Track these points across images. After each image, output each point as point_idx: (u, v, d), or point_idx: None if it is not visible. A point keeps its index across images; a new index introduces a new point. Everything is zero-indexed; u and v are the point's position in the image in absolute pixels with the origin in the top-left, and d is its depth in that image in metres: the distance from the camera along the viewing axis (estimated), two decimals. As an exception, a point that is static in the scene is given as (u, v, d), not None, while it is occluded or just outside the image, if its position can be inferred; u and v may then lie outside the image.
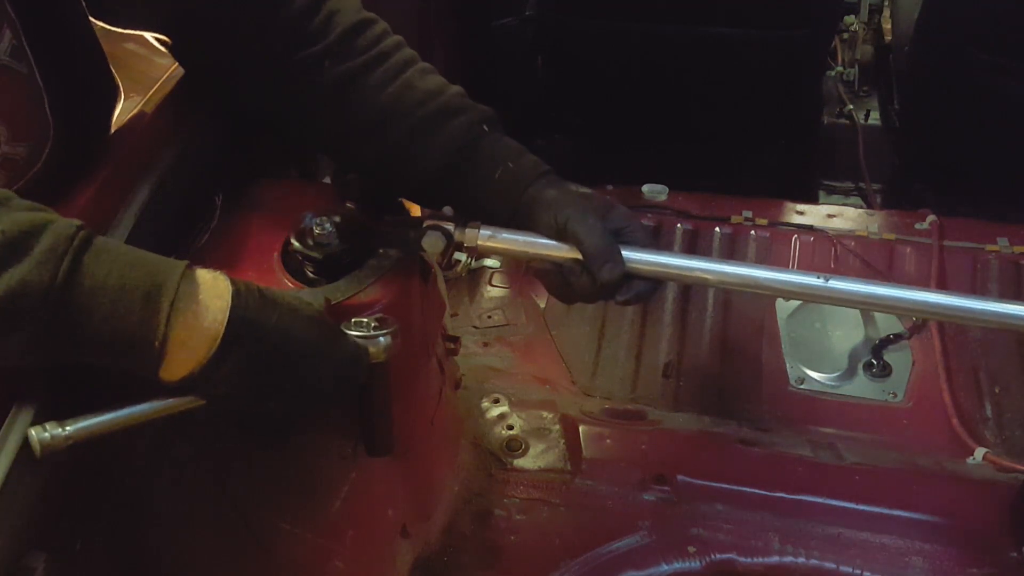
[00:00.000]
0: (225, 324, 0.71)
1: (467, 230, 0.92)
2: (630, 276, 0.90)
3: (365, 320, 0.84)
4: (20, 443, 0.70)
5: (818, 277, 0.90)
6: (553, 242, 0.91)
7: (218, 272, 0.74)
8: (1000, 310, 0.88)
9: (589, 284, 0.90)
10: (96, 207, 0.85)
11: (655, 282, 0.93)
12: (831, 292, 0.90)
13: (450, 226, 0.92)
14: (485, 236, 0.92)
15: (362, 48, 0.94)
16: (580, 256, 0.89)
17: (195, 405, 0.74)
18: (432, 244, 0.91)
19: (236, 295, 0.73)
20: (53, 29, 0.81)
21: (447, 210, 0.93)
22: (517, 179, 0.94)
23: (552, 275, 0.93)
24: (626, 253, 0.90)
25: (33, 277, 0.64)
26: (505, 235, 0.92)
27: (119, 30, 0.95)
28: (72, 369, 0.71)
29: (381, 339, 0.83)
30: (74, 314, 0.66)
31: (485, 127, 0.96)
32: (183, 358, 0.70)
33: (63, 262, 0.65)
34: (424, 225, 0.92)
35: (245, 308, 0.73)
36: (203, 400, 0.74)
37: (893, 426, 1.48)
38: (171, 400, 0.74)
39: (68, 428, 0.70)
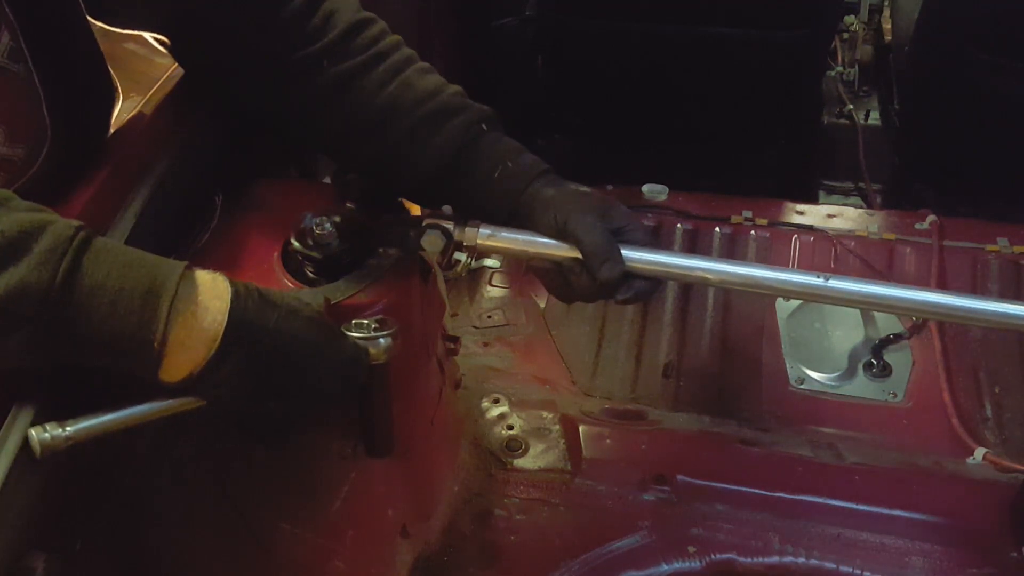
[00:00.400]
0: (224, 325, 0.71)
1: (467, 229, 0.91)
2: (630, 275, 0.90)
3: (365, 321, 0.84)
4: (20, 443, 0.70)
5: (818, 277, 0.90)
6: (552, 241, 0.91)
7: (217, 273, 0.74)
8: (1000, 310, 0.88)
9: (588, 283, 0.90)
10: (96, 207, 0.85)
11: (655, 281, 0.93)
12: (831, 292, 0.90)
13: (449, 225, 0.91)
14: (484, 235, 0.91)
15: (360, 48, 0.94)
16: (579, 255, 0.89)
17: (195, 406, 0.74)
18: (431, 243, 0.91)
19: (235, 296, 0.73)
20: (51, 30, 0.81)
21: (446, 209, 0.93)
22: (516, 178, 0.94)
23: (552, 274, 0.93)
24: (626, 252, 0.89)
25: (32, 278, 0.64)
26: (504, 234, 0.92)
27: (118, 30, 0.95)
28: (72, 369, 0.71)
29: (381, 340, 0.83)
30: (73, 315, 0.66)
31: (484, 126, 0.96)
32: (182, 359, 0.70)
33: (62, 263, 0.65)
34: (423, 224, 0.92)
35: (244, 309, 0.73)
36: (203, 401, 0.74)
37: (893, 426, 1.48)
38: (171, 401, 0.74)
39: (68, 428, 0.70)
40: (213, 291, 0.72)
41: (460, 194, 0.95)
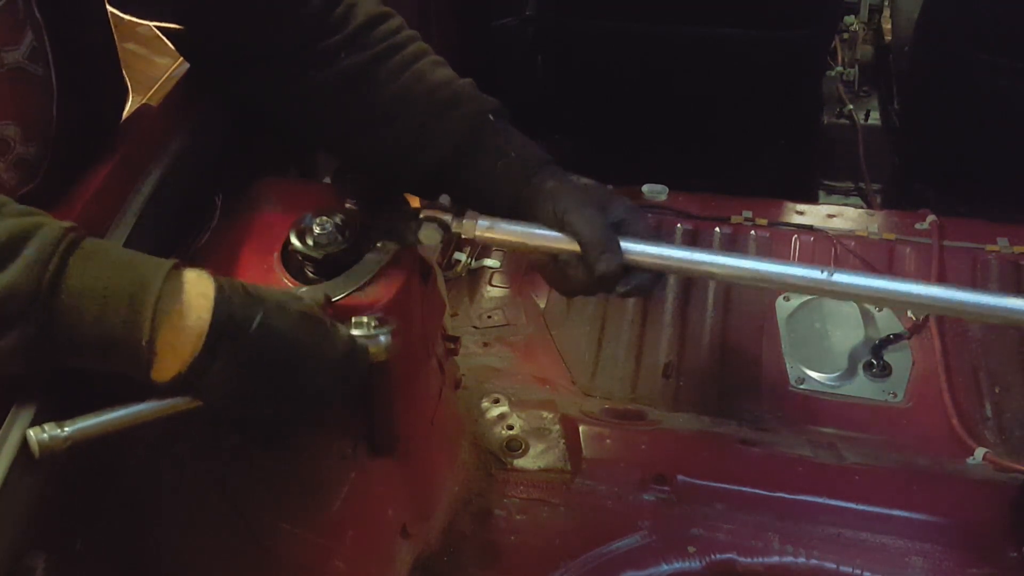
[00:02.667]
0: (209, 323, 0.70)
1: (464, 221, 0.90)
2: (629, 268, 0.89)
3: (365, 319, 0.83)
4: (20, 443, 0.70)
5: (821, 271, 0.88)
6: (551, 233, 0.90)
7: (203, 271, 0.73)
8: (1006, 305, 0.86)
9: (586, 276, 0.89)
10: (97, 207, 0.85)
11: (655, 275, 0.91)
12: (834, 286, 0.88)
13: (447, 217, 0.91)
14: (483, 227, 0.90)
15: (377, 40, 0.94)
16: (578, 247, 0.88)
17: (193, 406, 0.74)
18: (429, 236, 0.90)
19: (220, 293, 0.72)
20: (75, 30, 0.81)
21: (444, 200, 0.92)
22: (519, 170, 0.94)
23: (551, 267, 0.92)
24: (626, 245, 0.88)
25: (21, 281, 0.64)
26: (503, 226, 0.91)
27: (132, 18, 0.94)
28: (71, 370, 0.71)
29: (382, 338, 0.83)
30: (62, 318, 0.66)
31: (491, 117, 0.95)
32: (171, 359, 0.70)
33: (49, 266, 0.65)
34: (421, 217, 0.91)
35: (229, 306, 0.72)
36: (200, 401, 0.74)
37: (893, 426, 1.48)
38: (170, 401, 0.73)
39: (67, 429, 0.70)
40: (197, 289, 0.71)
41: (464, 185, 0.94)
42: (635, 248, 0.89)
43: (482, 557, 1.25)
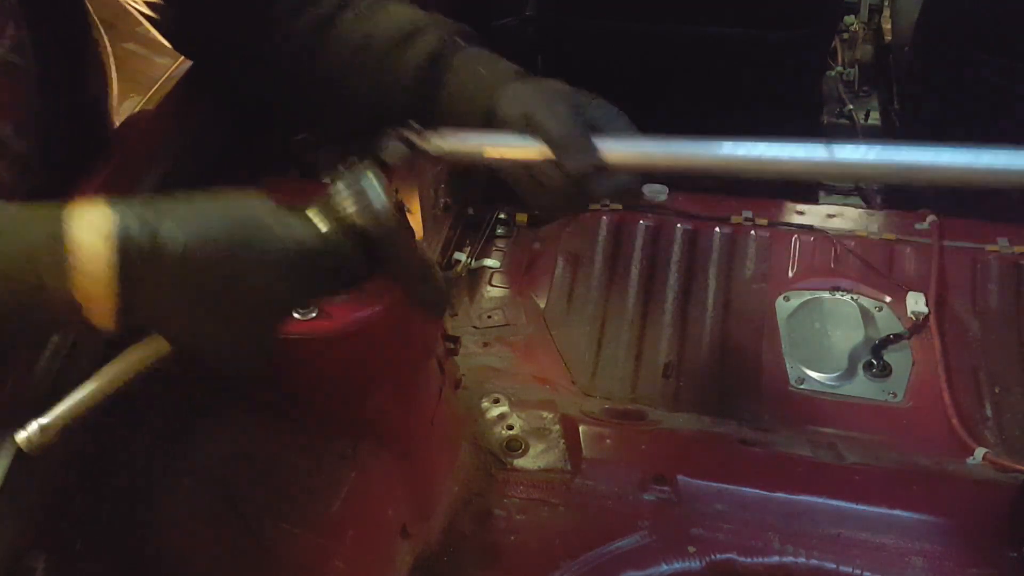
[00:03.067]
0: (116, 264, 0.63)
1: (429, 134, 0.83)
2: (607, 169, 0.82)
3: (343, 172, 0.72)
4: (16, 445, 0.69)
5: (819, 144, 0.80)
6: (520, 137, 0.82)
7: (98, 203, 0.66)
8: None
9: (560, 180, 0.81)
10: (96, 207, 0.84)
11: (637, 175, 0.85)
12: (839, 165, 0.80)
13: (411, 133, 0.83)
14: (448, 139, 0.83)
15: None
16: (549, 150, 0.81)
17: (160, 355, 0.69)
18: (393, 152, 0.82)
19: (121, 227, 0.64)
20: (55, 17, 0.81)
21: (411, 123, 0.85)
22: (489, 83, 0.88)
23: (526, 180, 0.84)
24: (602, 143, 0.81)
25: None
26: (469, 135, 0.84)
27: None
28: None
29: (375, 201, 0.71)
30: None
31: (459, 40, 0.92)
32: (98, 308, 0.64)
33: None
34: (384, 134, 0.83)
35: (132, 236, 0.64)
36: (165, 348, 0.68)
37: (893, 426, 1.48)
38: (132, 357, 0.69)
39: (46, 420, 0.67)
40: (93, 230, 0.64)
41: (435, 109, 0.90)
42: (611, 145, 0.81)
43: (482, 557, 1.25)
